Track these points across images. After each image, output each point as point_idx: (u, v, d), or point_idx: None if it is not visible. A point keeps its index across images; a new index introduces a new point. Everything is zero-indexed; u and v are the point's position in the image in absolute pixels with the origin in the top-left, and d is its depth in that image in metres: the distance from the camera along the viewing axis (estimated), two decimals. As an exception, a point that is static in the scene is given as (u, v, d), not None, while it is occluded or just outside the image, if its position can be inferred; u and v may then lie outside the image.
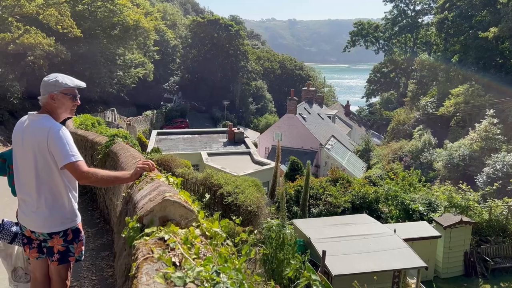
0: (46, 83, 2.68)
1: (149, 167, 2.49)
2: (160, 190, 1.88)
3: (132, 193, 2.18)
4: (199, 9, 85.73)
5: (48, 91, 2.69)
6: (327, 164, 32.42)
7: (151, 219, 1.66)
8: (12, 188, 2.79)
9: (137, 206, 1.88)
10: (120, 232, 2.39)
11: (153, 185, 2.07)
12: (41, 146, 2.54)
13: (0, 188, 8.58)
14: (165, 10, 55.98)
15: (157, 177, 2.28)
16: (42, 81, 2.67)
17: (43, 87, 2.67)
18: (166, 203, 1.68)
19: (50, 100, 2.70)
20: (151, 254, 1.37)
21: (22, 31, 21.61)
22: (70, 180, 2.69)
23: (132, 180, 2.49)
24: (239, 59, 56.10)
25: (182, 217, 1.69)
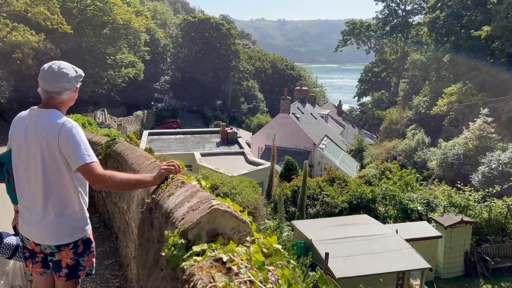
0: (67, 75, 2.30)
1: (175, 168, 2.16)
2: (201, 196, 1.57)
3: (159, 199, 1.86)
4: (189, 9, 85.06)
5: (74, 84, 2.35)
6: (321, 164, 32.27)
7: (198, 233, 1.35)
8: (13, 195, 2.40)
9: (173, 216, 1.55)
10: (143, 244, 2.06)
11: (186, 190, 1.75)
12: (51, 145, 2.19)
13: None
14: (155, 9, 55.34)
15: (187, 180, 1.96)
16: (58, 71, 2.29)
17: (61, 79, 2.29)
18: (215, 214, 1.37)
19: (72, 94, 2.36)
20: (213, 283, 1.06)
21: (10, 28, 20.98)
22: (81, 183, 2.35)
23: (155, 184, 2.17)
24: (230, 58, 55.72)
25: (234, 231, 1.38)
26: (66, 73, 2.29)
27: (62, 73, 2.28)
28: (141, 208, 2.47)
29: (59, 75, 2.27)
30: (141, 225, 2.17)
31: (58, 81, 2.27)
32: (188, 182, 1.91)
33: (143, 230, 2.09)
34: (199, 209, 1.45)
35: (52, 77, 2.27)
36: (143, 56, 39.75)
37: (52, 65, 2.30)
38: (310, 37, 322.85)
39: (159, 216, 1.85)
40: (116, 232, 4.43)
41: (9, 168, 2.37)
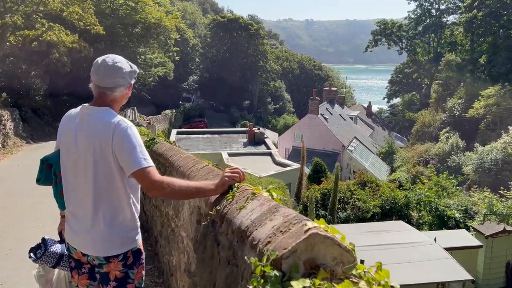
0: (122, 70, 2.08)
1: (239, 176, 1.92)
2: (287, 215, 1.31)
3: (226, 212, 1.61)
4: (217, 9, 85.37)
5: (128, 80, 2.14)
6: (349, 166, 31.62)
7: (295, 264, 1.09)
8: (60, 200, 2.20)
9: (252, 237, 1.30)
10: (205, 262, 1.83)
11: (261, 204, 1.50)
12: (104, 147, 1.98)
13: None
14: (185, 9, 55.79)
15: (257, 190, 1.71)
16: (112, 65, 2.06)
17: (115, 74, 2.07)
18: (313, 240, 1.11)
19: (125, 91, 2.16)
20: None
21: (46, 28, 21.44)
22: (133, 189, 2.14)
23: (217, 193, 1.93)
24: (258, 58, 55.53)
25: (336, 261, 1.11)
26: (121, 67, 2.08)
27: (116, 67, 2.07)
28: (197, 217, 2.24)
29: (113, 69, 2.06)
30: (201, 239, 1.93)
31: (111, 76, 2.06)
32: (258, 193, 1.66)
33: (204, 245, 1.86)
34: (291, 232, 1.19)
35: (105, 72, 2.06)
36: (173, 55, 40.09)
37: (106, 58, 2.09)
38: (337, 38, 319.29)
39: (227, 232, 1.61)
40: (156, 236, 4.25)
41: (57, 170, 2.17)
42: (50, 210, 7.14)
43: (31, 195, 8.34)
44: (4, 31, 19.83)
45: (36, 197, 8.18)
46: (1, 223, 6.43)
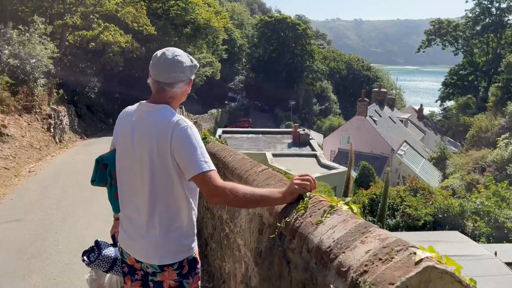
0: (182, 64, 1.92)
1: (310, 184, 1.70)
2: (385, 238, 1.07)
3: (299, 226, 1.39)
4: (265, 9, 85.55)
5: (188, 75, 1.98)
6: (399, 171, 30.43)
7: (404, 303, 0.84)
8: (115, 203, 2.07)
9: (339, 262, 1.08)
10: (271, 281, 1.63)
11: (344, 220, 1.27)
12: (162, 147, 1.83)
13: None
14: (233, 10, 56.33)
15: (333, 202, 1.48)
16: (172, 59, 1.90)
17: (175, 68, 1.91)
18: (429, 275, 0.87)
19: (185, 88, 2.00)
20: None
21: (102, 28, 22.34)
22: (192, 194, 1.98)
23: (285, 203, 1.72)
24: (305, 58, 54.94)
25: (454, 302, 0.86)
26: (181, 61, 1.92)
27: (176, 61, 1.91)
28: (258, 227, 2.04)
29: (173, 63, 1.90)
30: (266, 253, 1.74)
31: (171, 71, 1.90)
32: (337, 206, 1.43)
33: (270, 261, 1.65)
34: (396, 262, 0.95)
35: (165, 66, 1.90)
36: (220, 55, 40.56)
37: (165, 51, 1.94)
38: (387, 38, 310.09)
39: (301, 250, 1.39)
40: (206, 238, 4.12)
41: (113, 171, 2.05)
42: (101, 206, 7.28)
43: (85, 190, 8.58)
44: (64, 31, 20.84)
45: (89, 192, 8.40)
46: (57, 216, 6.61)
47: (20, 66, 15.47)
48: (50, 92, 18.34)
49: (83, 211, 6.90)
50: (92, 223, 6.18)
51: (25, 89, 15.62)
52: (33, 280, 4.14)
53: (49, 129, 16.76)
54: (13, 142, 12.64)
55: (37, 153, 13.81)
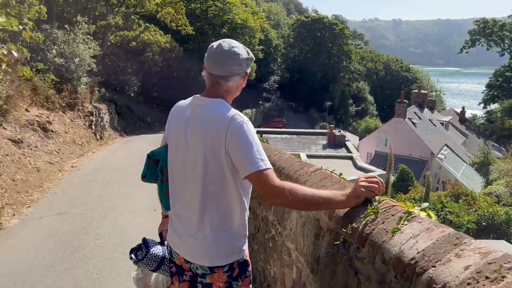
0: (238, 56, 1.82)
1: (378, 187, 1.55)
2: (486, 251, 0.92)
3: (369, 233, 1.25)
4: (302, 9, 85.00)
5: (244, 69, 1.88)
6: (438, 176, 29.31)
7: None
8: (165, 200, 2.00)
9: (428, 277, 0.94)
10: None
11: (428, 228, 1.12)
12: (216, 144, 1.74)
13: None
14: (269, 10, 56.28)
15: (408, 207, 1.33)
16: (228, 51, 1.81)
17: (231, 60, 1.81)
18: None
19: (240, 81, 1.91)
20: None
21: (142, 28, 22.89)
22: (245, 193, 1.88)
23: (349, 206, 1.58)
24: (341, 59, 54.09)
25: None
26: (237, 53, 1.82)
27: (232, 52, 1.81)
28: (314, 231, 1.91)
29: (229, 55, 1.81)
30: (328, 261, 1.60)
31: (227, 63, 1.81)
32: (416, 214, 1.28)
33: (332, 269, 1.52)
34: (509, 283, 0.80)
35: (220, 58, 1.81)
36: (256, 55, 40.63)
37: (222, 42, 1.84)
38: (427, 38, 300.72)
39: (374, 261, 1.25)
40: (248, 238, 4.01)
41: (164, 167, 1.98)
42: (140, 202, 7.36)
43: (124, 186, 8.74)
44: (106, 31, 21.47)
45: (128, 188, 8.55)
46: (98, 211, 6.73)
47: (65, 64, 16.03)
48: (92, 90, 18.92)
49: (123, 207, 7.00)
50: (132, 219, 6.24)
51: (69, 87, 16.17)
52: (76, 273, 4.19)
53: (90, 126, 17.29)
54: (57, 138, 13.09)
55: (79, 149, 14.26)
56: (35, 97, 13.42)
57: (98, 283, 3.98)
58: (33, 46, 13.81)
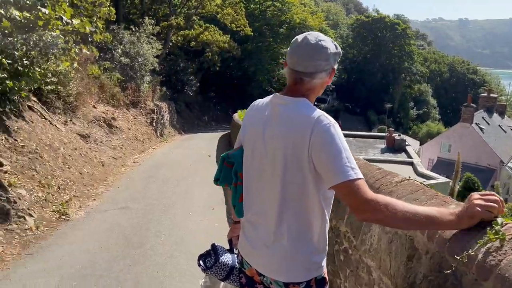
0: (326, 50, 1.62)
1: (498, 207, 1.30)
2: None
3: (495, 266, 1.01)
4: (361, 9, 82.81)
5: (332, 64, 1.67)
6: (507, 186, 27.17)
7: None
8: (238, 206, 1.84)
9: None
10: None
11: None
12: (298, 147, 1.56)
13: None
14: (328, 10, 55.39)
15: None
16: (315, 44, 1.61)
17: (318, 55, 1.61)
18: None
19: (326, 79, 1.70)
20: None
21: (203, 28, 23.38)
22: (327, 203, 1.69)
23: (459, 228, 1.34)
24: (403, 60, 51.98)
25: None
26: (325, 47, 1.62)
27: (320, 46, 1.62)
28: (407, 251, 1.68)
29: (316, 49, 1.61)
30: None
31: (313, 58, 1.61)
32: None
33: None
34: None
35: (306, 53, 1.62)
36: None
37: (308, 35, 1.65)
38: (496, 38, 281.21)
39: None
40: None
41: (239, 170, 1.83)
42: (198, 200, 7.40)
43: (183, 184, 8.86)
44: (169, 31, 22.16)
45: (187, 186, 8.65)
46: (158, 207, 6.84)
47: (130, 64, 16.73)
48: (154, 89, 19.58)
49: (181, 205, 7.06)
50: (191, 217, 6.26)
51: (133, 85, 16.84)
52: (137, 269, 4.22)
53: (151, 123, 17.90)
54: (121, 134, 13.64)
55: (141, 145, 14.77)
56: (102, 95, 14.09)
57: (158, 282, 3.97)
58: (101, 45, 14.49)
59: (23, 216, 5.48)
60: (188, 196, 7.70)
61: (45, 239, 5.20)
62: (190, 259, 4.45)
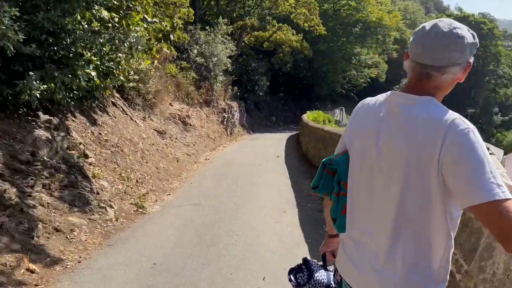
0: (462, 39, 1.34)
1: None
2: None
3: None
4: (442, 7, 77.89)
5: (468, 57, 1.39)
6: None
7: None
8: (340, 220, 1.61)
9: None
10: None
11: None
12: (424, 157, 1.30)
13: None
14: (406, 9, 52.79)
15: None
16: (449, 33, 1.34)
17: (452, 45, 1.34)
18: None
19: (459, 74, 1.42)
20: None
21: (275, 28, 23.38)
22: (453, 224, 1.41)
23: None
24: (488, 61, 48.00)
25: None
26: (461, 36, 1.34)
27: (454, 35, 1.34)
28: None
29: (450, 39, 1.34)
30: None
31: (446, 49, 1.34)
32: None
33: None
34: None
35: (437, 42, 1.34)
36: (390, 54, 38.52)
37: (438, 22, 1.38)
38: None
39: None
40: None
41: (343, 179, 1.60)
42: (269, 201, 7.25)
43: (253, 183, 8.79)
44: (242, 32, 22.45)
45: (257, 185, 8.57)
46: (229, 205, 6.81)
47: (204, 63, 17.16)
48: (226, 89, 19.93)
49: (252, 205, 6.96)
50: (262, 218, 6.14)
51: (207, 84, 17.26)
52: (211, 270, 4.16)
53: (222, 122, 18.23)
54: (194, 131, 14.01)
55: (212, 143, 15.07)
56: (178, 93, 14.58)
57: (232, 285, 3.87)
58: (178, 45, 14.99)
59: (105, 207, 5.72)
60: (258, 197, 7.60)
61: (123, 230, 5.38)
62: (264, 264, 4.30)
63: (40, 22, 4.99)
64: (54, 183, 5.25)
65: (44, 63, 5.24)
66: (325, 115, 23.82)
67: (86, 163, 6.20)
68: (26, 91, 4.84)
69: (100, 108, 8.01)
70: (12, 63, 5.03)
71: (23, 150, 5.11)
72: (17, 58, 4.94)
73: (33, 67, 5.13)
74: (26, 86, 4.85)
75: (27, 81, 4.88)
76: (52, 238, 4.51)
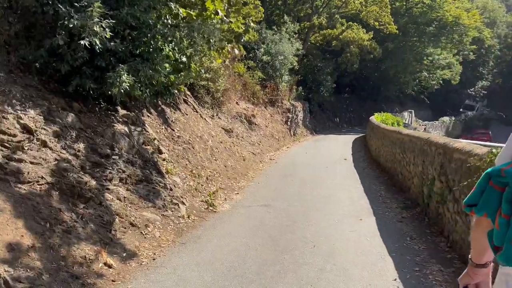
0: None
1: None
2: None
3: None
4: (525, 4, 71.22)
5: None
6: None
7: None
8: (508, 249, 1.26)
9: None
10: None
11: None
12: None
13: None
14: (484, 7, 48.97)
15: None
16: None
17: None
18: None
19: None
20: None
21: (344, 27, 22.65)
22: None
23: None
24: None
25: None
26: None
27: None
28: None
29: None
30: None
31: None
32: None
33: None
34: None
35: None
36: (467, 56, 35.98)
37: None
38: None
39: None
40: None
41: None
42: (341, 206, 6.84)
43: (322, 186, 8.41)
44: (309, 31, 22.02)
45: (327, 189, 8.16)
46: (300, 209, 6.52)
47: (270, 62, 16.99)
48: (291, 88, 19.62)
49: (324, 210, 6.60)
50: (337, 225, 5.76)
51: (272, 84, 17.07)
52: (289, 279, 3.89)
53: (286, 122, 17.95)
54: (259, 130, 13.87)
55: (276, 143, 14.85)
56: (244, 92, 14.53)
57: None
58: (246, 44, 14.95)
59: (177, 203, 5.67)
60: (330, 201, 7.21)
61: (195, 228, 5.29)
62: (347, 278, 3.95)
63: (124, 18, 5.03)
64: (130, 177, 5.28)
65: (126, 57, 5.29)
66: (394, 117, 22.67)
67: (160, 158, 6.22)
68: (116, 84, 4.88)
69: (173, 105, 8.07)
70: (95, 58, 5.12)
71: (103, 144, 5.19)
72: (101, 53, 5.02)
73: (116, 62, 5.19)
74: (115, 78, 4.89)
75: (117, 73, 4.93)
76: (128, 233, 4.50)
